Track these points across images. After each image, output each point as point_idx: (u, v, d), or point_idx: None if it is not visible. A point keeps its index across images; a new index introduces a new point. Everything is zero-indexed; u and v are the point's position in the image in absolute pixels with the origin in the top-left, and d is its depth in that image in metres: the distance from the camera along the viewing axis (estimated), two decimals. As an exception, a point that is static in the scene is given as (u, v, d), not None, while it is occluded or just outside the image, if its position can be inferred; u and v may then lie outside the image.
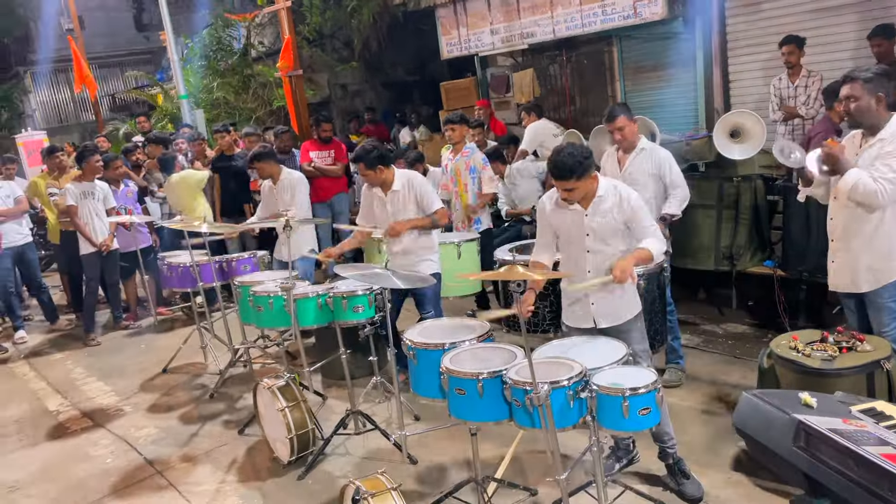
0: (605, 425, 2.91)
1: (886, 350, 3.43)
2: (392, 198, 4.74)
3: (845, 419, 1.95)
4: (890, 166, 3.25)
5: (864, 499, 1.69)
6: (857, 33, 6.25)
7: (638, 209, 3.43)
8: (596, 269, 3.46)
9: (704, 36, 7.40)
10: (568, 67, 8.97)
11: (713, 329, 5.58)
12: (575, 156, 3.24)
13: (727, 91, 7.49)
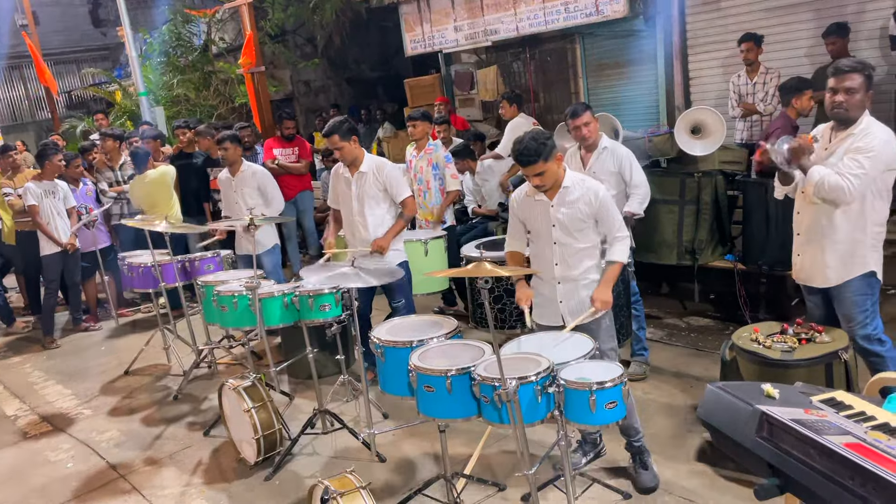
0: (573, 420, 2.93)
1: (844, 341, 3.52)
2: (358, 179, 4.68)
3: (807, 409, 1.99)
4: (858, 162, 3.25)
5: (825, 487, 1.72)
6: (813, 31, 6.41)
7: (606, 203, 3.47)
8: (562, 262, 3.49)
9: (665, 34, 7.51)
10: (531, 64, 9.02)
11: (676, 322, 5.67)
12: (537, 139, 3.29)
13: (688, 88, 7.62)
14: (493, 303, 4.84)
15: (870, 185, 3.29)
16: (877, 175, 3.29)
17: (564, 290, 3.52)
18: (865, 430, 1.90)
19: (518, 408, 2.78)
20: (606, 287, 3.46)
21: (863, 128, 3.32)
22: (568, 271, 3.50)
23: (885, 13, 6.02)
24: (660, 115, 7.76)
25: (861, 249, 3.41)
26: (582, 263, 3.50)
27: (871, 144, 3.25)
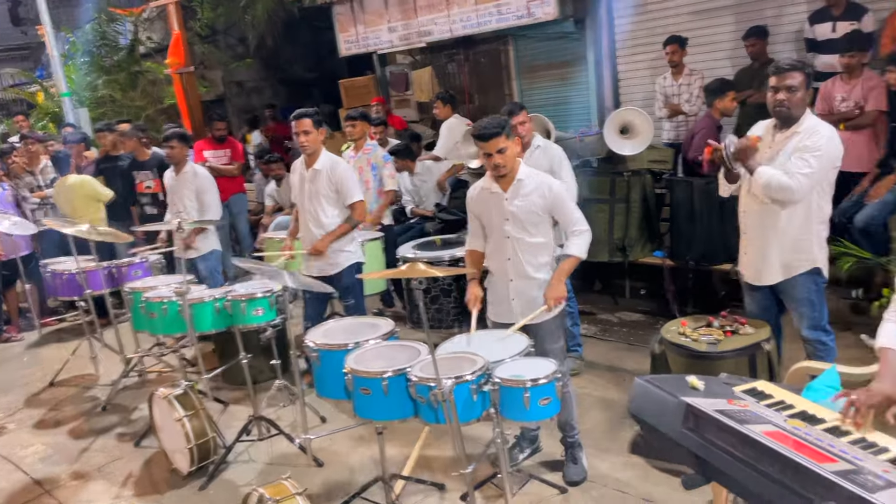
0: (508, 417, 2.97)
1: (766, 332, 3.66)
2: (313, 176, 4.58)
3: (730, 400, 2.06)
4: (806, 161, 3.25)
5: (748, 475, 1.78)
6: (734, 34, 6.63)
7: (561, 197, 3.47)
8: (515, 257, 3.48)
9: (595, 36, 7.65)
10: (466, 66, 9.07)
11: (609, 318, 5.79)
12: (495, 117, 3.34)
13: (617, 89, 7.78)
14: (431, 303, 4.87)
15: (817, 183, 3.31)
16: (824, 174, 3.32)
17: (517, 287, 3.51)
18: (784, 418, 1.99)
19: (453, 407, 2.79)
20: (558, 281, 3.42)
21: (808, 126, 3.33)
22: (521, 267, 3.49)
23: (800, 17, 6.28)
24: (591, 116, 7.89)
25: (806, 247, 3.44)
26: (535, 259, 3.48)
27: (818, 143, 3.26)
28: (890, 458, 1.77)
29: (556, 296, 3.40)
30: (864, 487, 1.54)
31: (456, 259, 4.81)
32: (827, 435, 1.88)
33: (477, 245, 3.68)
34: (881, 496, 1.50)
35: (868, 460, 1.71)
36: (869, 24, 5.74)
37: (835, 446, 1.77)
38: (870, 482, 1.57)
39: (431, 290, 4.73)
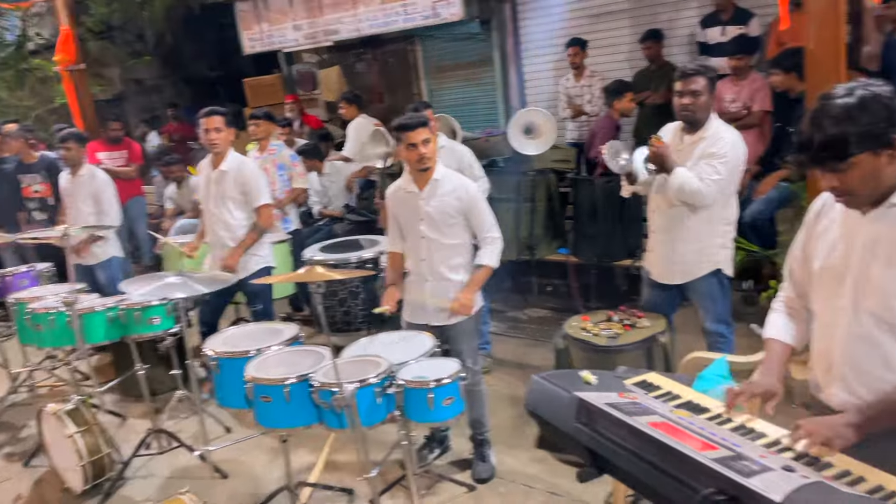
0: (413, 419, 2.96)
1: (662, 325, 3.79)
2: (219, 178, 4.41)
3: (620, 393, 2.11)
4: (715, 168, 3.33)
5: (636, 466, 1.82)
6: (632, 37, 6.86)
7: (477, 200, 3.48)
8: (430, 258, 3.47)
9: (501, 37, 7.76)
10: (375, 65, 9.02)
11: (518, 315, 5.88)
12: (416, 110, 3.31)
13: (523, 90, 7.92)
14: (339, 305, 4.81)
15: (724, 188, 3.41)
16: (730, 178, 3.42)
17: (432, 288, 3.50)
18: (671, 408, 2.05)
19: (356, 412, 2.76)
20: (469, 290, 3.45)
21: (713, 132, 3.41)
22: (436, 268, 3.47)
23: (693, 21, 6.56)
24: (499, 117, 8.00)
25: (711, 248, 3.54)
26: (451, 261, 3.48)
27: (723, 150, 3.35)
28: (767, 443, 1.86)
29: (463, 303, 3.43)
30: (741, 473, 1.60)
31: (364, 261, 4.76)
32: (710, 423, 1.95)
33: (398, 247, 3.66)
34: (755, 480, 1.57)
35: (746, 446, 1.79)
36: (755, 28, 6.06)
37: (716, 434, 1.84)
38: (746, 468, 1.63)
39: (339, 292, 4.66)
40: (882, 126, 1.71)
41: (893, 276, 1.78)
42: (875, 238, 1.82)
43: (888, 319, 1.81)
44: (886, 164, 1.75)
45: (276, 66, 10.32)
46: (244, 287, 4.44)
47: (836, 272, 1.92)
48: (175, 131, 10.82)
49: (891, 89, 1.75)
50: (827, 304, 1.96)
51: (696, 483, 1.66)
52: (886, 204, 1.80)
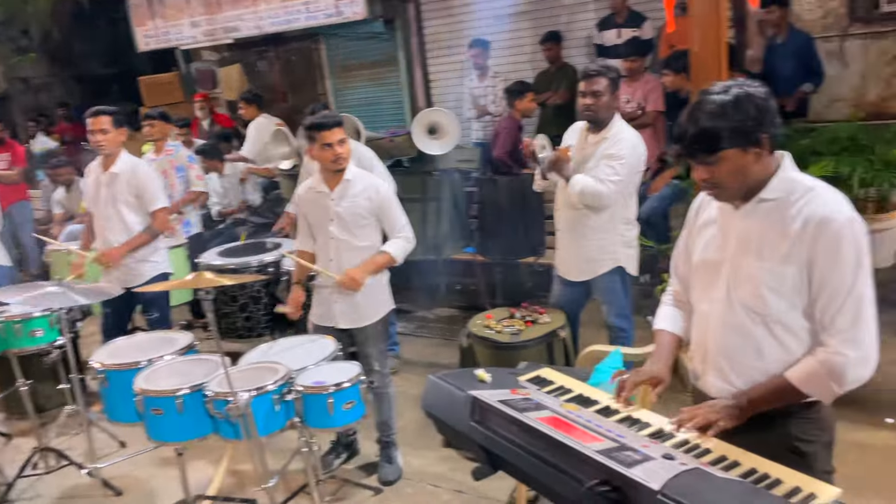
0: (312, 425, 2.91)
1: (561, 321, 3.88)
2: (110, 180, 4.19)
3: (513, 389, 2.13)
4: (614, 169, 3.41)
5: (527, 461, 1.85)
6: (533, 38, 6.98)
7: (388, 200, 3.44)
8: (338, 259, 3.41)
9: (405, 37, 7.75)
10: (277, 64, 8.83)
11: (426, 315, 5.88)
12: (314, 113, 3.28)
13: (429, 90, 7.94)
14: (240, 311, 4.68)
15: (624, 189, 3.50)
16: (630, 179, 3.52)
17: (340, 290, 3.45)
18: (560, 403, 2.09)
19: (252, 421, 2.68)
20: (364, 270, 3.37)
21: (614, 133, 3.49)
22: (344, 270, 3.42)
23: (590, 23, 6.75)
24: (405, 116, 7.99)
25: (612, 247, 3.63)
26: (359, 263, 3.43)
27: (622, 151, 3.42)
28: (650, 433, 1.92)
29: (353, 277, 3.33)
30: (623, 463, 1.65)
31: (265, 264, 4.65)
32: (597, 416, 2.00)
33: (306, 245, 3.59)
34: (636, 470, 1.61)
35: (630, 437, 1.84)
36: (649, 31, 6.28)
37: (602, 426, 1.89)
38: (629, 458, 1.68)
39: (239, 297, 4.53)
40: (751, 125, 1.79)
41: (764, 268, 1.87)
42: (747, 232, 1.91)
43: (759, 310, 1.89)
44: (754, 162, 1.83)
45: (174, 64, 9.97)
46: (139, 295, 4.25)
47: (712, 265, 2.00)
48: (66, 132, 10.28)
49: (765, 91, 1.83)
50: (704, 295, 2.04)
51: (582, 475, 1.69)
52: (756, 199, 1.88)
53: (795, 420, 1.92)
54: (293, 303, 3.49)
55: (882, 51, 6.03)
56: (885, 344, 1.85)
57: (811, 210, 1.81)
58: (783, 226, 1.84)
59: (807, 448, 1.93)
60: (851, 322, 1.79)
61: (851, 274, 1.79)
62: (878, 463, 3.30)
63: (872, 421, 3.58)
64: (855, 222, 1.80)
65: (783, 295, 1.85)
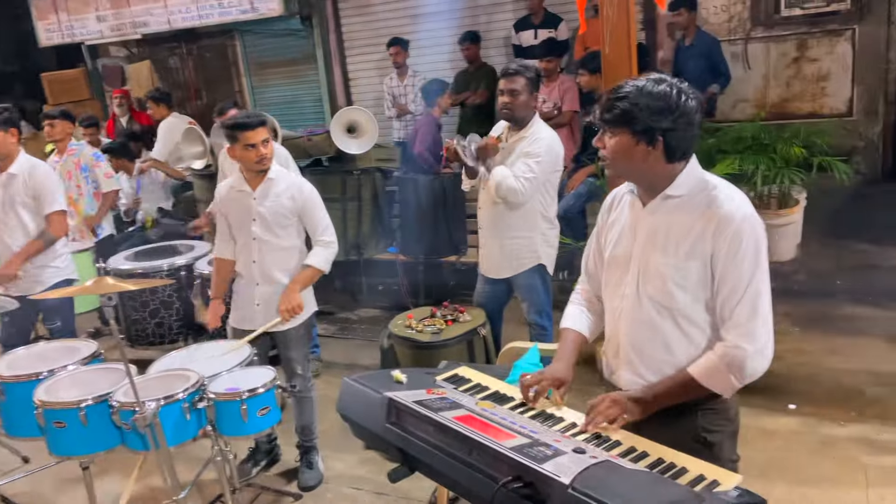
0: (226, 433, 2.82)
1: (481, 319, 3.91)
2: (7, 181, 3.95)
3: (429, 389, 2.12)
4: (529, 167, 3.45)
5: (443, 461, 1.84)
6: (452, 38, 7.01)
7: (312, 201, 3.37)
8: (261, 260, 3.33)
9: (322, 34, 7.66)
10: (190, 60, 8.57)
11: (348, 316, 5.82)
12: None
13: (348, 88, 7.87)
14: (150, 317, 4.51)
15: (539, 187, 3.54)
16: (545, 178, 3.56)
17: (263, 292, 3.36)
18: (476, 401, 2.09)
19: (160, 431, 2.58)
20: (293, 291, 3.33)
21: (532, 132, 3.54)
22: (267, 271, 3.34)
23: (508, 24, 6.83)
24: (325, 115, 7.89)
25: (532, 245, 3.67)
26: (284, 264, 3.36)
27: (538, 150, 3.47)
28: (562, 428, 1.94)
29: (290, 307, 3.31)
30: (535, 459, 1.66)
31: (176, 268, 4.50)
32: (511, 413, 2.01)
33: (226, 252, 3.48)
34: (547, 465, 1.63)
35: (543, 433, 1.86)
36: (564, 32, 6.41)
37: (516, 423, 1.90)
38: (541, 453, 1.69)
39: (150, 303, 4.37)
40: (650, 120, 1.81)
41: (670, 263, 1.91)
42: (653, 228, 1.95)
43: (667, 305, 1.94)
44: (641, 156, 1.86)
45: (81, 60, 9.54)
46: (40, 302, 4.03)
47: (622, 261, 2.04)
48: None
49: (694, 105, 1.83)
50: (615, 291, 2.08)
51: (496, 473, 1.70)
52: (662, 196, 1.92)
53: (702, 411, 1.97)
54: (212, 316, 3.39)
55: (782, 53, 6.35)
56: (787, 334, 1.93)
57: (714, 208, 1.86)
58: (688, 222, 1.88)
59: (713, 438, 1.97)
60: (748, 316, 1.84)
61: (749, 270, 1.84)
62: (781, 447, 3.46)
63: (776, 407, 3.74)
64: (754, 220, 1.86)
65: (689, 290, 1.90)
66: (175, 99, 8.66)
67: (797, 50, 6.28)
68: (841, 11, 6.06)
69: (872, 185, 6.22)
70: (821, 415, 3.66)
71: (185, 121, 6.30)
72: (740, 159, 5.03)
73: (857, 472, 3.21)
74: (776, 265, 5.37)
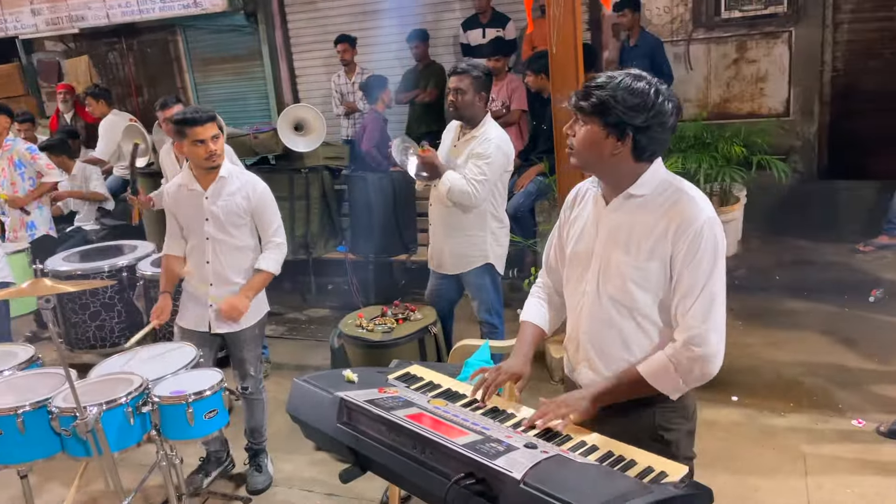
0: (171, 437, 2.75)
1: (433, 317, 3.91)
2: None
3: (381, 388, 2.11)
4: (480, 168, 3.44)
5: (396, 460, 1.83)
6: (400, 35, 6.98)
7: (265, 200, 3.29)
8: (215, 260, 3.25)
9: (268, 31, 7.54)
10: (130, 56, 8.33)
11: (297, 316, 5.75)
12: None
13: (295, 86, 7.78)
14: (91, 319, 4.37)
15: (492, 188, 3.54)
16: (496, 179, 3.56)
17: (217, 293, 3.28)
18: (428, 399, 2.09)
19: (102, 436, 2.50)
20: (244, 295, 3.26)
21: (482, 132, 3.52)
22: (222, 272, 3.26)
23: (456, 22, 6.84)
24: (271, 112, 7.78)
25: (481, 243, 3.67)
26: (237, 265, 3.28)
27: (488, 151, 3.45)
28: (514, 423, 1.95)
29: (235, 307, 3.23)
30: (487, 455, 1.66)
31: (118, 269, 4.37)
32: (463, 410, 2.02)
33: (175, 249, 3.38)
34: (500, 461, 1.64)
35: (495, 429, 1.87)
36: (512, 31, 6.45)
37: (468, 419, 1.90)
38: (493, 449, 1.70)
39: (91, 305, 4.23)
40: (622, 111, 1.80)
41: (630, 262, 1.91)
42: (615, 226, 1.94)
43: (626, 303, 1.94)
44: (609, 150, 1.85)
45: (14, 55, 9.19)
46: None
47: (583, 258, 2.03)
48: None
49: (671, 107, 1.83)
50: (576, 288, 2.07)
51: (449, 470, 1.70)
52: (625, 195, 1.92)
53: (659, 409, 1.97)
54: (160, 312, 3.29)
55: (722, 55, 6.52)
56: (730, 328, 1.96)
57: (677, 209, 1.86)
58: (650, 222, 1.88)
59: (670, 436, 1.98)
60: (701, 319, 1.84)
61: (706, 273, 1.84)
62: (724, 438, 3.55)
63: (719, 399, 3.84)
64: (715, 223, 1.86)
65: (648, 290, 1.90)
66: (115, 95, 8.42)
67: (737, 51, 6.46)
68: (778, 14, 6.26)
69: (809, 183, 6.44)
70: (762, 406, 3.78)
71: (125, 118, 6.12)
72: (684, 158, 5.16)
73: (797, 460, 3.32)
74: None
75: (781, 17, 6.25)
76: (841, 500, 3.03)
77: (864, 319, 4.62)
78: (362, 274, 5.60)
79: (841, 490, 3.08)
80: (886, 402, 3.70)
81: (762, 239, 6.02)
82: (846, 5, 6.20)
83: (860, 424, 3.53)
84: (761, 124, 5.97)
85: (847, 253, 5.64)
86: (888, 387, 3.85)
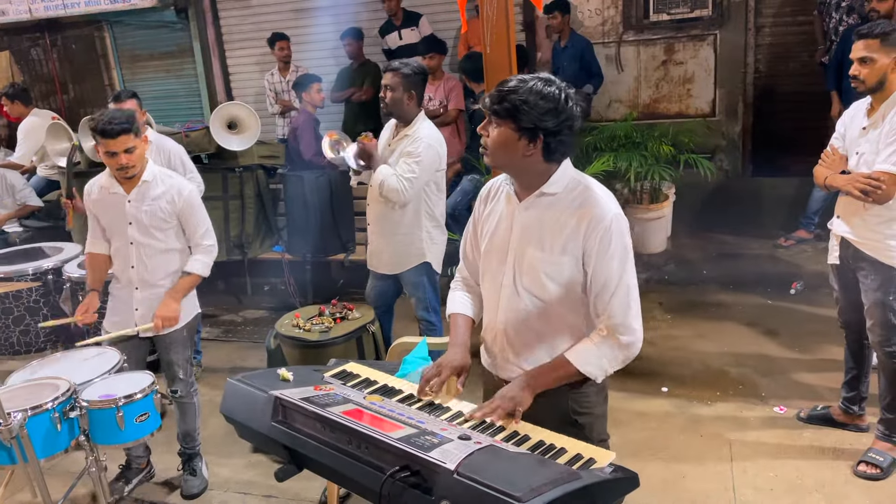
0: (102, 442, 2.68)
1: (370, 316, 3.91)
2: None
3: (317, 386, 2.11)
4: (410, 166, 3.46)
5: (331, 457, 1.84)
6: (335, 34, 6.94)
7: (191, 204, 3.21)
8: (140, 264, 3.17)
9: (200, 27, 7.39)
10: (54, 52, 8.03)
11: (233, 318, 5.65)
12: (118, 113, 2.98)
13: (228, 83, 7.64)
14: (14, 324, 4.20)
15: (422, 186, 3.55)
16: (428, 177, 3.56)
17: (142, 296, 3.20)
18: (364, 395, 2.10)
19: (28, 443, 2.42)
20: (172, 300, 3.20)
21: (415, 130, 3.54)
22: (147, 275, 3.18)
23: (385, 22, 6.83)
24: (203, 110, 7.62)
25: (418, 243, 3.68)
26: (163, 268, 3.21)
27: (418, 150, 3.47)
28: (449, 417, 1.98)
29: (167, 316, 3.18)
30: (422, 448, 1.69)
31: (43, 271, 4.21)
32: (399, 405, 2.03)
33: (99, 247, 3.29)
34: (434, 453, 1.66)
35: (431, 422, 1.89)
36: (426, 27, 6.47)
37: (404, 414, 1.93)
38: (427, 442, 1.73)
39: (14, 309, 4.07)
40: (535, 116, 1.87)
41: (543, 258, 1.99)
42: (528, 224, 2.02)
43: (541, 297, 2.02)
44: (521, 152, 1.92)
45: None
46: None
47: (498, 253, 2.10)
48: None
49: (573, 108, 1.89)
50: (493, 282, 2.14)
51: (384, 464, 1.72)
52: (536, 193, 2.00)
53: (571, 395, 2.07)
54: (85, 309, 3.19)
55: (651, 56, 6.72)
56: (659, 320, 2.05)
57: (586, 207, 1.95)
58: (561, 220, 1.97)
59: (583, 420, 2.09)
60: (623, 310, 1.95)
61: (620, 266, 1.95)
62: (654, 428, 3.67)
63: (649, 391, 3.97)
64: (622, 219, 1.97)
65: (561, 283, 1.99)
66: (39, 93, 8.13)
67: (665, 53, 6.66)
68: (703, 18, 6.48)
69: (734, 180, 6.71)
70: (690, 396, 3.91)
71: (48, 117, 5.88)
72: (615, 157, 5.29)
73: (723, 447, 3.45)
74: (649, 257, 5.70)
75: (707, 20, 6.48)
76: (763, 484, 3.17)
77: (785, 311, 4.83)
78: (299, 274, 5.55)
79: (764, 474, 3.22)
80: (806, 389, 3.88)
81: (690, 235, 6.22)
82: (767, 10, 6.47)
83: (782, 411, 3.69)
84: (689, 124, 6.18)
85: (770, 247, 5.88)
86: (808, 375, 4.03)
